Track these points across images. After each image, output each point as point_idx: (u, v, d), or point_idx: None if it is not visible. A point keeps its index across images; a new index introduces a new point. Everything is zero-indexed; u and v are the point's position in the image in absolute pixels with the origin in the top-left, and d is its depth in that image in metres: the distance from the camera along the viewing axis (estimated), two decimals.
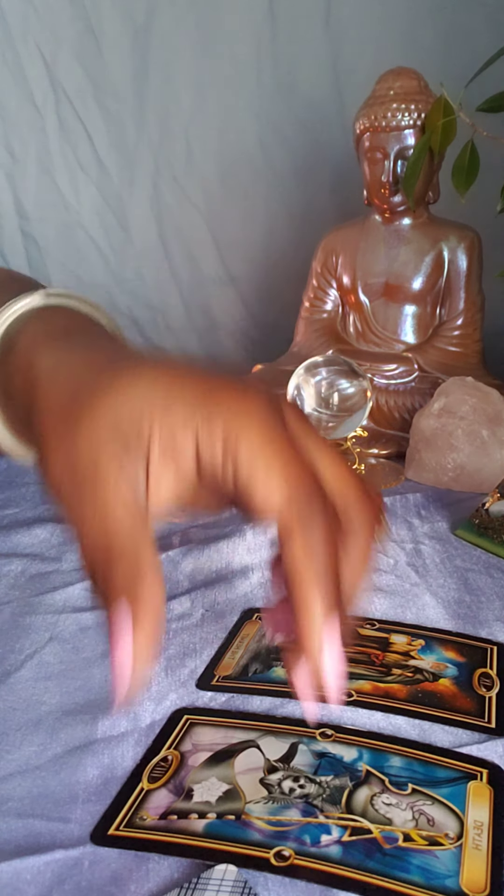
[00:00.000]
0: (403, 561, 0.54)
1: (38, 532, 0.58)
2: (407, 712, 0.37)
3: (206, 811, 0.30)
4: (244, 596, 0.49)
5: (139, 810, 0.31)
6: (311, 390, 0.69)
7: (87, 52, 1.17)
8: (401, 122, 0.80)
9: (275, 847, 0.29)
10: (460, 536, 0.57)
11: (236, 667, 0.41)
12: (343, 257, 0.90)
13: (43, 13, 1.16)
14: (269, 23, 1.09)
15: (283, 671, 0.40)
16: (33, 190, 1.25)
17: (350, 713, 0.37)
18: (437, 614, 0.46)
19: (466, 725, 0.36)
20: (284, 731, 0.35)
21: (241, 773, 0.32)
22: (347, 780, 0.32)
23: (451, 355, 0.84)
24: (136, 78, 1.18)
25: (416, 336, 0.86)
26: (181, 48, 1.14)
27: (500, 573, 0.51)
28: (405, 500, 0.65)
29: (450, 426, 0.68)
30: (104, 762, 0.34)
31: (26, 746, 0.35)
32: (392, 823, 0.30)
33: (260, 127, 1.15)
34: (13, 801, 0.32)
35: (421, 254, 0.85)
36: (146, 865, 0.28)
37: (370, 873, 0.27)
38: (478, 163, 0.72)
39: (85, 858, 0.29)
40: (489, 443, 0.66)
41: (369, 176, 0.84)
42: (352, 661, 0.41)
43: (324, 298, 0.92)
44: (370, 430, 0.80)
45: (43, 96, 1.20)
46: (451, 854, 0.28)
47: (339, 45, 1.08)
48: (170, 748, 0.34)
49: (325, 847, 0.29)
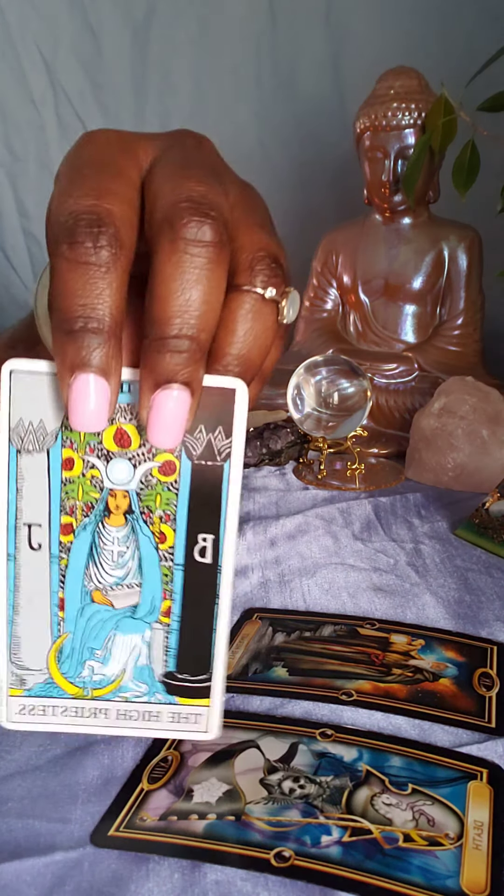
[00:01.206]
0: (403, 561, 0.54)
1: None
2: (407, 712, 0.37)
3: (206, 812, 0.30)
4: (244, 596, 0.49)
5: (139, 811, 0.31)
6: (311, 390, 0.69)
7: (87, 51, 1.17)
8: (401, 121, 0.80)
9: (275, 848, 0.29)
10: (460, 536, 0.57)
11: (236, 667, 0.41)
12: (343, 257, 0.90)
13: (42, 12, 1.16)
14: (269, 23, 1.09)
15: (284, 671, 0.40)
16: (34, 188, 1.25)
17: (350, 713, 0.37)
18: (438, 614, 0.46)
19: (466, 725, 0.36)
20: (284, 731, 0.35)
21: (241, 773, 0.32)
22: (347, 781, 0.32)
23: (451, 355, 0.84)
24: (136, 76, 1.18)
25: (416, 335, 0.86)
26: (180, 47, 1.14)
27: (500, 573, 0.51)
28: (405, 499, 0.65)
29: (450, 426, 0.68)
30: (104, 762, 0.34)
31: (26, 746, 0.35)
32: (392, 824, 0.30)
33: (260, 126, 1.15)
34: (13, 802, 0.32)
35: (421, 253, 0.85)
36: (146, 866, 0.28)
37: (370, 874, 0.27)
38: (478, 162, 0.72)
39: (85, 859, 0.29)
40: (489, 442, 0.66)
41: (369, 175, 0.84)
42: (352, 661, 0.41)
43: (324, 298, 0.92)
44: (370, 430, 0.80)
45: (42, 95, 1.20)
46: (452, 854, 0.28)
47: (339, 44, 1.08)
48: (170, 748, 0.34)
49: (326, 848, 0.29)
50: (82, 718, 0.29)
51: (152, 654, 0.29)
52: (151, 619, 0.29)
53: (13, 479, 0.27)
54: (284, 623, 0.45)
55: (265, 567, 0.53)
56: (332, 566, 0.52)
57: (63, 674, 0.29)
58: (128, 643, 0.29)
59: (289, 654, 0.42)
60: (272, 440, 0.74)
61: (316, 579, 0.51)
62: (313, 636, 0.44)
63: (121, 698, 0.29)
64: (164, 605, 0.28)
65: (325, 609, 0.47)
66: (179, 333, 0.22)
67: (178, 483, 0.27)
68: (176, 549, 0.28)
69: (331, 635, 0.44)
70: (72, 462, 0.27)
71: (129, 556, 0.28)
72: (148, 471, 0.27)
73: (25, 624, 0.28)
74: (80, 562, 0.28)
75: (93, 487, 0.27)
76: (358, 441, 0.75)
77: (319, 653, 0.42)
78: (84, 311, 0.22)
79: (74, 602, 0.28)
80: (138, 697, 0.29)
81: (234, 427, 0.26)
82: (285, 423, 0.76)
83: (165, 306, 0.22)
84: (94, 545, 0.28)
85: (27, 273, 1.30)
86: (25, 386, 0.25)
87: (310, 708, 0.37)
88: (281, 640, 0.43)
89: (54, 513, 0.27)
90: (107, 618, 0.29)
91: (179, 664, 0.29)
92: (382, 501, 0.64)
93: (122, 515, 0.28)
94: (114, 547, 0.28)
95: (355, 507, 0.63)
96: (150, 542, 0.28)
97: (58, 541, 0.28)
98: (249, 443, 0.74)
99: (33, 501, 0.27)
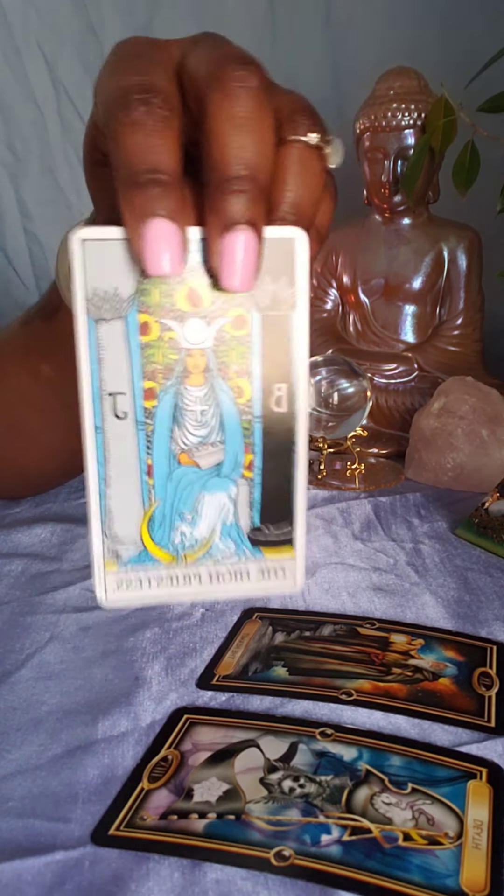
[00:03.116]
0: (403, 560, 0.54)
1: (38, 532, 0.58)
2: (407, 711, 0.37)
3: (206, 811, 0.30)
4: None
5: (139, 810, 0.31)
6: (311, 390, 0.69)
7: (89, 51, 1.17)
8: (401, 121, 0.80)
9: (275, 847, 0.29)
10: (460, 536, 0.57)
11: (236, 666, 0.41)
12: (343, 257, 0.90)
13: (44, 12, 1.16)
14: (270, 23, 1.09)
15: (284, 671, 0.40)
16: (35, 188, 1.25)
17: (350, 712, 0.37)
18: (437, 614, 0.46)
19: (466, 725, 0.36)
20: (284, 730, 0.35)
21: (241, 772, 0.33)
22: (347, 780, 0.32)
23: (451, 355, 0.84)
24: None
25: (416, 336, 0.87)
26: None
27: (499, 573, 0.51)
28: (405, 499, 0.65)
29: (449, 426, 0.68)
30: (104, 762, 0.34)
31: (26, 746, 0.36)
32: (392, 823, 0.30)
33: None
34: (13, 801, 0.32)
35: (421, 253, 0.85)
36: (146, 865, 0.28)
37: (370, 873, 0.27)
38: (478, 163, 0.72)
39: (85, 859, 0.29)
40: (489, 442, 0.67)
41: (369, 176, 0.84)
42: (351, 661, 0.41)
43: (323, 298, 0.92)
44: (370, 430, 0.80)
45: (44, 95, 1.20)
46: (451, 853, 0.28)
47: (339, 45, 1.08)
48: (170, 748, 0.34)
49: (326, 847, 0.29)
50: (177, 587, 0.29)
51: (238, 510, 0.29)
52: (236, 474, 0.29)
53: (94, 349, 0.27)
54: (284, 623, 0.45)
55: None
56: (332, 566, 0.52)
57: (156, 542, 0.29)
58: (216, 502, 0.29)
59: (289, 653, 0.42)
60: None
61: (316, 579, 0.51)
62: (313, 636, 0.44)
63: (212, 561, 0.29)
64: (247, 459, 0.28)
65: (325, 609, 0.47)
66: (239, 174, 0.23)
67: (251, 336, 0.27)
68: (253, 401, 0.28)
69: (331, 635, 0.44)
70: (148, 326, 0.27)
71: (211, 414, 0.28)
72: (221, 327, 0.27)
73: (117, 495, 0.28)
74: (165, 425, 0.28)
75: (171, 349, 0.27)
76: (358, 441, 0.75)
77: (319, 652, 0.42)
78: (149, 164, 0.23)
79: (162, 467, 0.28)
80: (227, 558, 0.29)
81: (296, 276, 0.26)
82: None
83: (223, 150, 0.23)
84: (177, 407, 0.28)
85: (27, 273, 1.30)
86: (97, 254, 0.25)
87: (310, 707, 0.37)
88: (281, 639, 0.44)
89: (136, 379, 0.27)
90: (194, 479, 0.29)
91: (263, 517, 0.29)
92: (382, 501, 0.64)
93: (201, 374, 0.28)
94: (196, 406, 0.28)
95: (355, 507, 0.63)
96: (228, 397, 0.28)
97: (142, 407, 0.28)
98: None
99: (115, 370, 0.27)
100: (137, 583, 0.29)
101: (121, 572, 0.28)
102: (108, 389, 0.27)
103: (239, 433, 0.28)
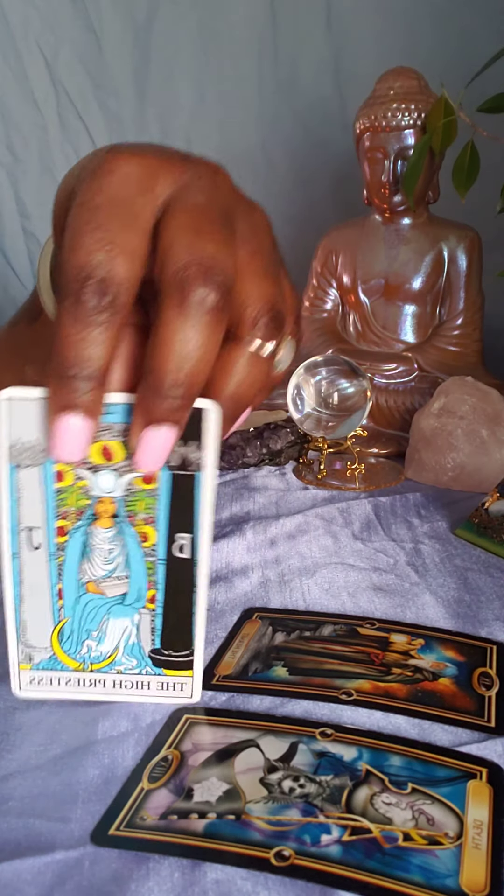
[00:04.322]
0: (403, 560, 0.54)
1: None
2: (407, 711, 0.37)
3: (206, 811, 0.30)
4: (244, 595, 0.49)
5: (139, 810, 0.31)
6: (311, 390, 0.69)
7: (88, 52, 1.17)
8: (401, 122, 0.80)
9: (275, 847, 0.29)
10: (460, 536, 0.57)
11: (236, 666, 0.41)
12: (343, 257, 0.90)
13: (44, 12, 1.16)
14: (270, 23, 1.09)
15: (284, 671, 0.40)
16: (35, 189, 1.25)
17: (350, 712, 0.37)
18: (437, 614, 0.46)
19: (466, 725, 0.36)
20: (284, 730, 0.35)
21: (242, 772, 0.33)
22: (347, 780, 0.32)
23: (451, 355, 0.84)
24: (137, 77, 1.18)
25: (416, 336, 0.87)
26: (182, 47, 1.14)
27: (499, 573, 0.51)
28: (405, 499, 0.65)
29: (449, 426, 0.68)
30: (104, 762, 0.34)
31: (26, 746, 0.36)
32: (392, 823, 0.30)
33: (260, 127, 1.16)
34: (13, 801, 0.32)
35: (421, 253, 0.85)
36: (146, 865, 0.28)
37: (370, 873, 0.27)
38: (478, 163, 0.72)
39: (85, 858, 0.29)
40: (489, 442, 0.67)
41: (369, 176, 0.84)
42: (351, 661, 0.41)
43: (324, 298, 0.92)
44: (370, 430, 0.80)
45: (44, 95, 1.20)
46: (451, 853, 0.28)
47: (339, 44, 1.08)
48: (170, 748, 0.34)
49: (325, 847, 0.29)
50: (83, 688, 0.34)
51: (140, 634, 0.33)
52: (139, 605, 0.33)
53: (13, 489, 0.30)
54: (284, 623, 0.45)
55: (265, 567, 0.53)
56: (332, 566, 0.52)
57: (65, 651, 0.33)
58: (119, 626, 0.33)
59: (289, 653, 0.42)
60: (272, 440, 0.74)
61: (316, 579, 0.51)
62: (313, 636, 0.44)
63: (115, 671, 0.34)
64: (150, 594, 0.33)
65: (325, 609, 0.47)
66: (175, 383, 0.25)
67: (158, 490, 0.31)
68: (158, 546, 0.32)
69: (331, 635, 0.44)
70: (63, 475, 0.30)
71: (118, 553, 0.32)
72: (131, 480, 0.30)
73: (30, 611, 0.32)
74: (75, 558, 0.32)
75: (83, 495, 0.31)
76: (358, 441, 0.75)
77: (319, 652, 0.42)
78: (78, 361, 0.25)
79: (72, 591, 0.32)
80: (130, 670, 0.34)
81: (206, 441, 0.29)
82: (285, 423, 0.76)
83: (166, 360, 0.25)
84: (86, 544, 0.32)
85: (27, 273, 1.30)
86: (21, 410, 0.29)
87: (310, 707, 0.37)
88: (281, 639, 0.44)
89: (50, 518, 0.31)
90: (100, 605, 0.33)
91: (164, 642, 0.33)
92: (382, 501, 0.64)
93: (109, 518, 0.31)
94: (103, 545, 0.32)
95: (355, 507, 0.63)
96: (135, 540, 0.32)
97: (54, 541, 0.32)
98: (249, 443, 0.74)
99: (32, 508, 0.31)
100: (48, 681, 0.34)
101: (33, 672, 0.34)
102: (25, 524, 0.31)
103: (143, 571, 0.32)
